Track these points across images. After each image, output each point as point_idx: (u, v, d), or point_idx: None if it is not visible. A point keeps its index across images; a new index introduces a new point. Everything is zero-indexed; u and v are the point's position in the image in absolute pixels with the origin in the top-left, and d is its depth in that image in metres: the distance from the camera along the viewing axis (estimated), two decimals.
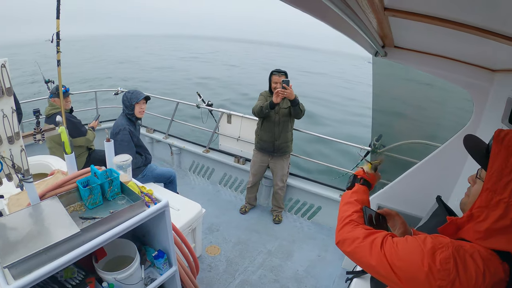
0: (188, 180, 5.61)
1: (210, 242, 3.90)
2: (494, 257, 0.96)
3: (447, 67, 2.65)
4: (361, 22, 1.30)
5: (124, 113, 3.58)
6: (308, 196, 4.81)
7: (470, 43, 1.74)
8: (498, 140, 0.98)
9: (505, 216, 0.93)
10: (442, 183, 3.04)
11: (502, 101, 2.31)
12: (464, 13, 1.17)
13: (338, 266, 3.76)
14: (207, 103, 5.70)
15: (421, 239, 1.02)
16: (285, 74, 3.96)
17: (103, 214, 1.67)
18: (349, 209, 1.33)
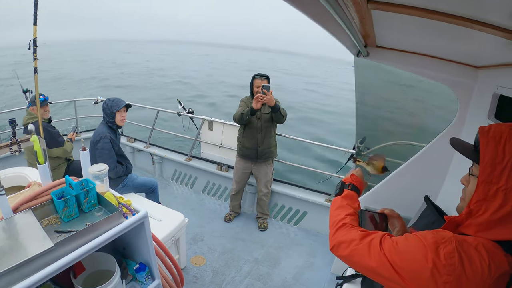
0: (171, 189, 5.52)
1: (195, 253, 3.81)
2: (498, 249, 0.94)
3: (430, 65, 2.67)
4: (345, 17, 1.29)
5: (104, 121, 3.52)
6: (293, 202, 4.76)
7: (455, 38, 1.74)
8: (484, 133, 1.01)
9: (505, 204, 0.93)
10: (429, 183, 3.04)
11: (487, 97, 2.33)
12: (449, 2, 1.15)
13: (327, 272, 3.71)
14: (188, 110, 5.64)
15: (422, 235, 1.01)
16: (267, 78, 3.92)
17: (79, 227, 1.58)
18: (341, 213, 1.31)
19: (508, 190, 0.92)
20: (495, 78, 2.27)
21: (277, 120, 3.95)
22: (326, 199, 4.57)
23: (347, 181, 1.57)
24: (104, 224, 1.61)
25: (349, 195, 1.46)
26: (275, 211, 4.92)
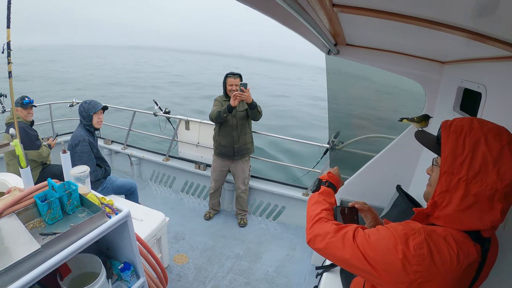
0: (150, 190, 5.50)
1: (177, 251, 3.83)
2: (467, 238, 1.01)
3: (398, 62, 2.76)
4: (312, 20, 1.34)
5: (82, 124, 3.49)
6: (272, 197, 4.84)
7: (420, 37, 1.83)
8: (446, 127, 1.07)
9: (467, 194, 0.99)
10: (401, 173, 3.15)
11: (452, 90, 2.44)
12: (411, 5, 1.22)
13: (308, 263, 3.80)
14: (164, 110, 5.62)
15: (392, 227, 1.06)
16: (240, 76, 3.98)
17: (64, 229, 1.59)
18: (317, 208, 1.34)
19: (468, 181, 0.98)
20: (459, 73, 2.38)
21: (253, 117, 4.01)
22: (303, 193, 4.67)
23: (324, 178, 1.61)
24: (89, 224, 1.63)
25: (325, 191, 1.50)
26: (254, 207, 4.99)
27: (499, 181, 0.95)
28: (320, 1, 1.25)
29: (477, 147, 0.98)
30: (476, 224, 1.00)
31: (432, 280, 0.95)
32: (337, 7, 1.38)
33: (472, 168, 0.98)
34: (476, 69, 2.12)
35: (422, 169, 3.01)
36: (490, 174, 0.96)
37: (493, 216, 0.98)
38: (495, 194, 0.96)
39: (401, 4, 1.23)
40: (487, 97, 1.91)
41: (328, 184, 1.56)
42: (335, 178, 1.61)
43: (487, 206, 0.98)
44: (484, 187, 0.96)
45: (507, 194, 0.96)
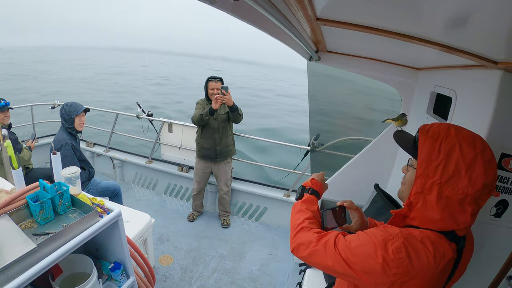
0: (133, 192, 5.49)
1: (162, 253, 3.85)
2: (442, 239, 1.08)
3: (376, 68, 2.88)
4: (296, 31, 1.42)
5: (63, 127, 3.46)
6: (254, 198, 4.91)
7: (396, 46, 1.94)
8: (423, 132, 1.13)
9: (441, 196, 1.05)
10: (379, 172, 3.26)
11: (426, 95, 2.57)
12: (388, 21, 1.32)
13: (290, 262, 3.87)
14: (147, 113, 5.61)
15: (371, 233, 1.11)
16: (221, 80, 4.05)
17: (57, 229, 1.61)
18: (300, 217, 1.36)
19: (442, 184, 1.04)
20: (432, 79, 2.52)
21: (234, 119, 4.09)
22: (284, 194, 4.77)
23: (307, 185, 1.59)
24: (81, 224, 1.65)
25: (308, 199, 1.50)
26: (236, 208, 5.05)
27: (470, 186, 1.01)
28: (306, 15, 1.33)
29: (451, 153, 1.04)
30: (449, 225, 1.07)
31: (411, 280, 1.01)
32: (320, 21, 1.47)
33: (446, 173, 1.04)
34: (448, 75, 2.24)
35: (398, 168, 3.13)
36: (462, 179, 1.02)
37: (464, 218, 1.05)
38: (466, 198, 1.02)
39: (379, 20, 1.33)
40: (457, 101, 2.03)
41: (311, 191, 1.55)
42: (318, 185, 1.60)
43: (458, 209, 1.04)
44: (456, 191, 1.03)
45: (478, 199, 1.03)
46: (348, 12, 1.32)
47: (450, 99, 2.10)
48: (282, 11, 1.05)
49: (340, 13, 1.36)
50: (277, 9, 0.98)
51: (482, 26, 1.05)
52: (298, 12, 1.27)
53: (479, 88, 1.75)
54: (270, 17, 0.97)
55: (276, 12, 0.98)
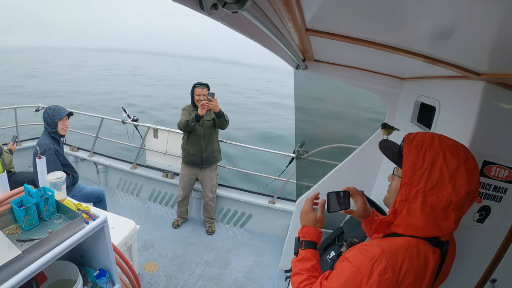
0: (117, 198, 5.42)
1: (147, 259, 3.81)
2: (427, 245, 1.10)
3: (362, 77, 2.92)
4: (286, 40, 1.45)
5: (46, 131, 3.39)
6: (239, 205, 4.91)
7: (381, 57, 1.97)
8: (408, 142, 1.16)
9: (425, 204, 1.08)
10: (363, 179, 3.29)
11: (410, 104, 2.62)
12: (374, 33, 1.35)
13: (276, 268, 3.88)
14: (132, 118, 5.57)
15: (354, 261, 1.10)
16: (207, 86, 4.06)
17: (42, 235, 1.58)
18: (296, 281, 1.33)
19: (426, 192, 1.07)
20: (417, 88, 2.58)
21: (220, 125, 4.10)
22: (269, 201, 4.78)
23: (301, 236, 1.48)
24: (67, 230, 1.63)
25: (303, 257, 1.40)
26: (221, 215, 5.03)
27: (454, 194, 1.04)
28: (296, 25, 1.35)
29: (435, 162, 1.07)
30: (433, 231, 1.10)
31: None
32: (309, 31, 1.50)
33: (430, 181, 1.07)
34: (431, 85, 2.30)
35: (382, 175, 3.18)
36: (446, 187, 1.05)
37: (448, 224, 1.08)
38: (450, 205, 1.06)
39: (365, 32, 1.36)
40: (441, 110, 2.08)
41: (305, 244, 1.44)
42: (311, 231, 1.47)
43: (442, 216, 1.07)
44: (440, 198, 1.06)
45: (461, 206, 1.06)
46: (336, 24, 1.35)
47: (434, 108, 2.15)
48: (273, 21, 1.07)
49: (329, 24, 1.39)
50: (269, 20, 0.99)
51: (465, 39, 1.08)
52: (289, 23, 1.29)
53: (462, 98, 1.80)
54: (262, 27, 0.99)
55: (268, 22, 1.00)
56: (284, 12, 1.12)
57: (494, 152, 1.64)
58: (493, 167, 1.65)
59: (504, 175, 1.67)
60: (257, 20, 0.89)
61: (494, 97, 1.56)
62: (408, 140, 1.16)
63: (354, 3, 1.00)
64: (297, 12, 1.16)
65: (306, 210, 1.54)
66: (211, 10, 0.70)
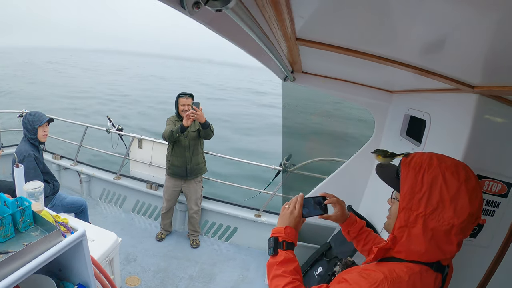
0: (99, 209, 5.28)
1: (129, 273, 3.70)
2: (429, 271, 1.06)
3: (350, 90, 2.93)
4: (275, 50, 1.42)
5: (25, 137, 3.30)
6: (224, 218, 4.84)
7: (371, 69, 1.98)
8: (405, 164, 1.11)
9: (426, 228, 1.03)
10: (351, 193, 3.27)
11: (400, 117, 2.62)
12: (365, 44, 1.34)
13: (262, 283, 3.82)
14: (117, 127, 5.47)
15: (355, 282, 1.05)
16: (192, 96, 4.03)
17: (17, 248, 1.51)
18: (279, 284, 1.27)
19: (426, 216, 1.02)
20: (406, 101, 2.58)
21: (205, 136, 4.06)
22: (255, 214, 4.71)
23: (281, 236, 1.40)
24: (43, 243, 1.56)
25: (285, 259, 1.33)
26: (206, 228, 4.94)
27: (455, 217, 0.99)
28: (285, 34, 1.33)
29: (435, 184, 1.03)
30: (436, 256, 1.05)
31: None
32: (299, 41, 1.48)
33: (430, 205, 1.02)
34: (422, 98, 2.30)
35: (370, 189, 3.17)
36: (447, 210, 1.00)
37: (451, 248, 1.03)
38: (452, 229, 1.01)
39: (357, 42, 1.34)
40: (431, 124, 2.07)
41: (286, 245, 1.37)
42: (293, 234, 1.43)
43: (445, 240, 1.03)
44: (441, 222, 1.01)
45: (464, 228, 1.01)
46: (327, 33, 1.34)
47: (424, 121, 2.15)
48: (263, 28, 1.03)
49: (319, 34, 1.38)
50: (256, 24, 0.96)
51: (459, 51, 1.07)
52: (278, 32, 1.26)
53: (454, 111, 1.79)
54: (249, 31, 0.96)
55: (256, 26, 0.96)
56: (274, 17, 1.09)
57: (487, 166, 1.63)
58: (486, 181, 1.64)
59: (497, 189, 1.66)
60: (243, 22, 0.84)
61: (487, 110, 1.55)
62: (405, 163, 1.12)
63: (347, 12, 0.98)
64: (288, 19, 1.14)
65: (292, 211, 1.47)
66: (192, 9, 0.65)
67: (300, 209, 1.48)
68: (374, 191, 3.03)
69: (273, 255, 1.36)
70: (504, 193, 1.67)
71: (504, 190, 1.67)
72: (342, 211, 1.58)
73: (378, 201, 2.77)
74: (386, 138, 2.99)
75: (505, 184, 1.66)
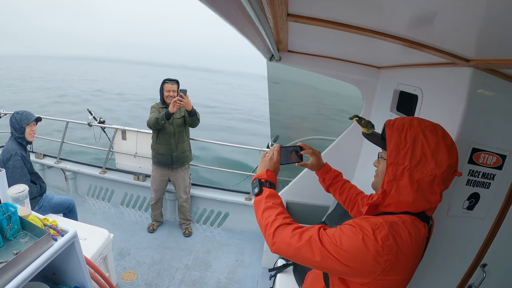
0: (88, 206, 5.17)
1: (124, 268, 3.65)
2: (417, 220, 1.19)
3: (337, 67, 2.90)
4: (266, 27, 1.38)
5: (13, 136, 3.23)
6: (214, 204, 4.83)
7: (359, 44, 1.96)
8: (389, 126, 1.24)
9: (412, 180, 1.16)
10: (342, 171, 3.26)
11: (389, 93, 2.61)
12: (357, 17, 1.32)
13: (258, 266, 3.83)
14: (99, 120, 5.35)
15: (358, 224, 1.15)
16: (177, 82, 3.94)
17: (7, 257, 1.44)
18: (271, 214, 1.32)
19: (412, 169, 1.15)
20: (395, 77, 2.56)
21: (191, 124, 3.99)
22: (246, 197, 4.72)
23: (263, 177, 1.51)
24: (34, 250, 1.50)
25: (271, 193, 1.43)
26: (197, 215, 4.93)
27: (437, 168, 1.12)
28: (274, 11, 1.30)
29: (417, 140, 1.15)
30: (423, 205, 1.18)
31: (398, 262, 1.09)
32: (291, 17, 1.44)
33: (414, 158, 1.15)
34: (412, 73, 2.29)
35: (362, 167, 3.18)
36: (429, 163, 1.13)
37: (435, 197, 1.16)
38: (435, 179, 1.13)
39: (349, 16, 1.33)
40: (424, 98, 2.07)
41: (269, 185, 1.49)
42: (274, 176, 1.55)
43: (429, 190, 1.15)
44: (425, 173, 1.13)
45: (445, 179, 1.14)
46: (319, 7, 1.31)
47: (416, 96, 2.13)
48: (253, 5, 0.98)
49: (311, 9, 1.34)
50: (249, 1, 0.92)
51: (454, 22, 1.07)
52: (267, 7, 1.21)
53: (447, 85, 1.79)
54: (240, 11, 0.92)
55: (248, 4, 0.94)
56: None
57: (482, 139, 1.65)
58: (481, 154, 1.66)
59: (492, 162, 1.69)
60: None
61: (482, 84, 1.56)
62: (389, 125, 1.24)
63: None
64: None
65: (271, 157, 1.61)
66: None
67: (278, 156, 1.63)
68: (365, 167, 3.03)
69: (258, 194, 1.45)
70: (499, 165, 1.70)
71: (499, 162, 1.70)
72: (317, 161, 1.81)
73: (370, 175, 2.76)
74: (375, 115, 2.98)
75: (500, 157, 1.69)
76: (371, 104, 3.05)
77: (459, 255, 1.88)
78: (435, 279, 1.86)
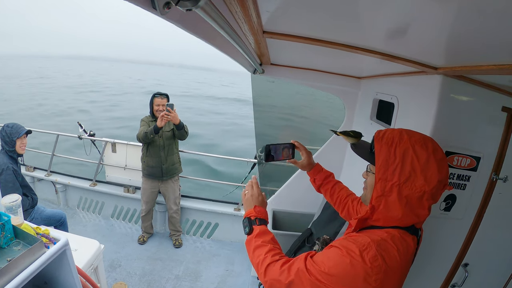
0: (78, 218, 5.17)
1: (115, 280, 3.66)
2: (405, 234, 1.18)
3: (319, 79, 3.00)
4: (243, 44, 1.46)
5: (3, 150, 3.24)
6: (204, 215, 4.87)
7: (338, 57, 2.05)
8: (378, 139, 1.21)
9: (401, 196, 1.14)
10: None
11: (369, 102, 2.71)
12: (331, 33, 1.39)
13: (248, 275, 3.87)
14: (89, 133, 5.38)
15: (344, 247, 1.12)
16: (167, 96, 4.02)
17: (1, 264, 1.49)
18: (261, 253, 1.33)
19: (401, 185, 1.13)
20: (374, 86, 2.67)
21: (180, 137, 4.07)
22: (234, 208, 4.78)
23: (252, 215, 1.50)
24: (27, 257, 1.54)
25: (260, 231, 1.42)
26: (187, 226, 4.96)
27: (426, 184, 1.11)
28: (252, 28, 1.36)
29: (406, 156, 1.13)
30: (411, 219, 1.17)
31: (388, 279, 1.08)
32: (266, 34, 1.52)
33: (403, 174, 1.13)
34: (389, 82, 2.38)
35: (345, 174, 3.26)
36: (418, 179, 1.11)
37: (424, 212, 1.15)
38: (424, 195, 1.12)
39: (322, 32, 1.39)
40: (399, 106, 2.16)
41: (259, 222, 1.48)
42: (262, 211, 1.54)
43: (418, 205, 1.14)
44: (414, 190, 1.12)
45: (434, 194, 1.13)
46: (293, 25, 1.37)
47: (393, 104, 2.22)
48: (230, 24, 1.06)
49: (285, 26, 1.41)
50: (225, 20, 0.99)
51: (421, 35, 1.13)
52: (244, 25, 1.29)
53: (420, 92, 1.88)
54: (218, 28, 0.99)
55: (224, 23, 0.99)
56: (241, 13, 1.12)
57: (455, 142, 1.72)
58: (455, 156, 1.73)
59: (466, 164, 1.76)
60: (212, 20, 0.88)
61: (451, 90, 1.63)
62: (378, 138, 1.21)
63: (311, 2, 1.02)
64: (254, 14, 1.17)
65: (254, 194, 1.59)
66: (163, 10, 0.68)
67: (257, 188, 1.61)
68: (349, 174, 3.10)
69: (249, 233, 1.44)
70: (473, 167, 1.77)
71: (473, 164, 1.76)
72: (308, 160, 1.83)
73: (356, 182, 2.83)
74: (357, 123, 3.07)
75: (474, 158, 1.76)
76: (352, 113, 3.15)
77: (441, 255, 1.94)
78: (420, 279, 1.90)
